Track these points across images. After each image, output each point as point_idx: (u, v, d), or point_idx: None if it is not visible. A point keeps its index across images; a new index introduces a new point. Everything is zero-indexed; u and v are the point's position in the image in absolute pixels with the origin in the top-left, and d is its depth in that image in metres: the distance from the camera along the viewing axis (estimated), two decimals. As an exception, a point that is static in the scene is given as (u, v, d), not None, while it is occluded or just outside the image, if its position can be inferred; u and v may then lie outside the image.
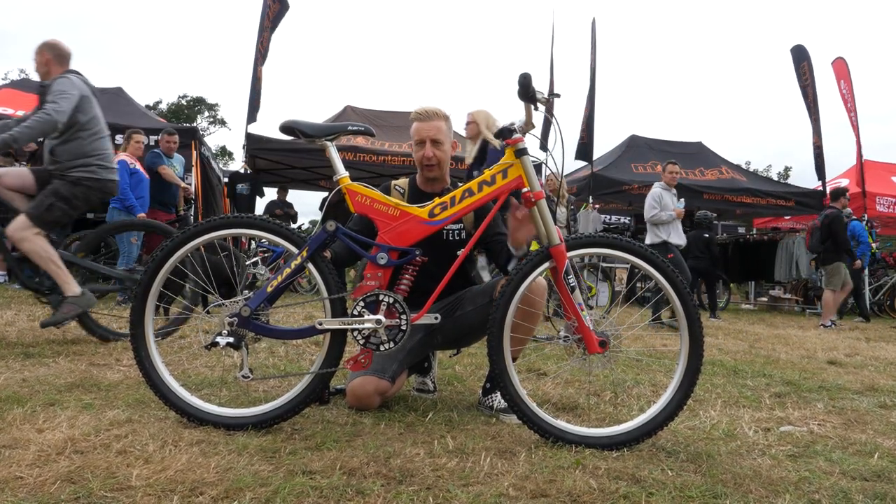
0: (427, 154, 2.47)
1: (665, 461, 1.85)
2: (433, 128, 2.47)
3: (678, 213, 6.69)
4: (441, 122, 2.50)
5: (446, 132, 2.52)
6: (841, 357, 4.58)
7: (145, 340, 2.07)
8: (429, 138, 2.47)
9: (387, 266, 2.07)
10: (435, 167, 2.50)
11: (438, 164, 2.50)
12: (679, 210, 6.72)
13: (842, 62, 10.93)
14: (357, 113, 10.70)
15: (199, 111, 36.73)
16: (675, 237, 6.65)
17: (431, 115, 2.49)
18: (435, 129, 2.47)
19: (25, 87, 9.80)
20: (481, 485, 1.60)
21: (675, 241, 6.63)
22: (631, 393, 2.84)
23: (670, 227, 6.66)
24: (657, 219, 6.63)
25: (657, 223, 6.65)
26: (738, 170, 12.22)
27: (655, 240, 6.63)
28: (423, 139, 2.47)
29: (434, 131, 2.47)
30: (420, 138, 2.48)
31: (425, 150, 2.47)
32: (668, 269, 2.06)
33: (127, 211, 5.95)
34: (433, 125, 2.48)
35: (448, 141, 2.52)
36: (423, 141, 2.47)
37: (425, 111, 2.49)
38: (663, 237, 6.60)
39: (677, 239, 6.66)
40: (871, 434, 2.33)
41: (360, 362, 2.08)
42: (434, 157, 2.47)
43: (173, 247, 2.07)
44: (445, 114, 2.53)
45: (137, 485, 1.48)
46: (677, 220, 6.68)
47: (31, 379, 2.54)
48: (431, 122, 2.48)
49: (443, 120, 2.51)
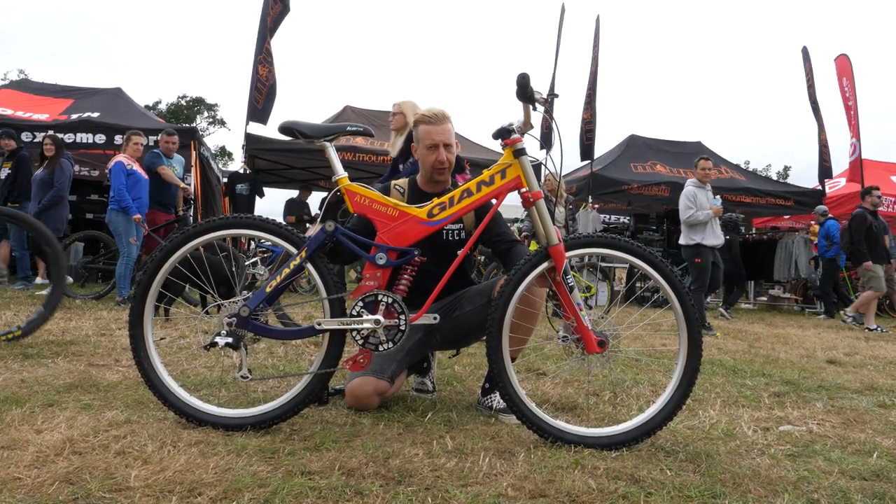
0: (441, 158, 2.44)
1: (664, 461, 1.85)
2: (445, 131, 2.44)
3: (715, 211, 6.14)
4: (450, 125, 2.48)
5: (453, 134, 2.51)
6: (840, 356, 4.59)
7: (144, 341, 2.07)
8: (442, 142, 2.44)
9: (386, 266, 2.07)
10: (446, 170, 2.49)
11: (449, 167, 2.49)
12: (716, 208, 6.17)
13: (845, 59, 10.92)
14: (356, 113, 10.69)
15: (198, 111, 36.71)
16: (711, 238, 6.11)
17: (442, 118, 2.45)
18: (448, 133, 2.45)
19: (25, 88, 9.81)
20: (480, 485, 1.60)
21: (710, 243, 6.10)
22: (630, 393, 2.84)
23: (705, 228, 6.12)
24: (694, 219, 6.08)
25: (694, 224, 6.11)
26: (737, 169, 12.22)
27: (688, 242, 6.15)
28: (437, 143, 2.44)
29: (447, 135, 2.45)
30: (433, 142, 2.44)
31: (439, 155, 2.44)
32: (666, 269, 2.06)
33: (124, 212, 5.94)
34: (445, 128, 2.45)
35: (455, 142, 2.52)
36: (437, 145, 2.44)
37: (434, 114, 2.45)
38: (697, 239, 6.08)
39: (713, 239, 6.12)
40: (870, 433, 2.34)
41: (359, 362, 2.08)
42: (446, 161, 2.46)
43: (172, 247, 2.07)
44: (448, 113, 2.51)
45: (136, 485, 1.48)
46: (714, 218, 6.16)
47: (30, 379, 2.54)
48: (443, 125, 2.45)
49: (450, 122, 2.49)
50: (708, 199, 6.22)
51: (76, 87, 9.84)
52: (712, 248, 6.11)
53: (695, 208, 6.12)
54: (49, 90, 9.57)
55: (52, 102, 9.01)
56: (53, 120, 8.33)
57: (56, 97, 9.22)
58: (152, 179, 6.51)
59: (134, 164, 6.16)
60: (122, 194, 5.91)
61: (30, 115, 8.47)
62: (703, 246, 6.07)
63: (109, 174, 6.06)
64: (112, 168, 6.02)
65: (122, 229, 5.95)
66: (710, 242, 6.10)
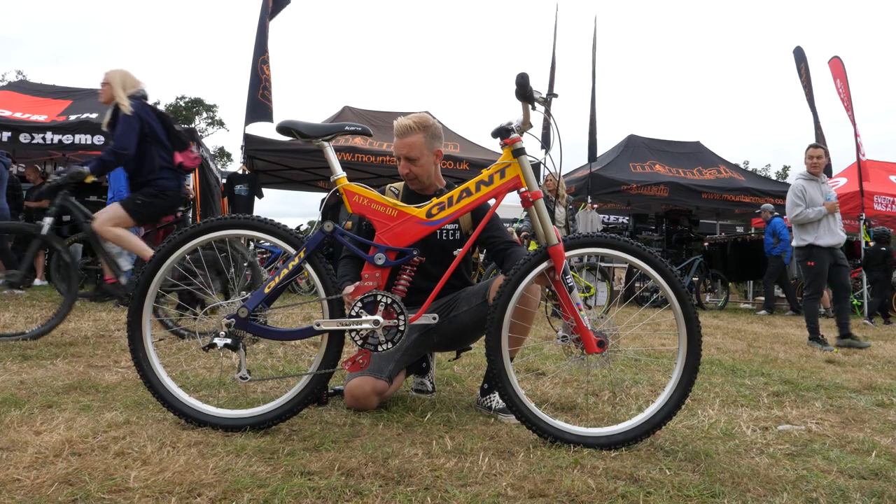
0: (402, 171, 2.50)
1: (663, 460, 1.85)
2: (406, 145, 2.45)
3: (829, 208, 5.28)
4: (416, 136, 2.45)
5: (422, 145, 2.46)
6: (839, 356, 4.59)
7: (143, 342, 2.07)
8: (402, 156, 2.47)
9: (384, 266, 2.06)
10: (414, 181, 2.52)
11: (417, 178, 2.50)
12: (831, 203, 5.30)
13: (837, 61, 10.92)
14: (355, 113, 10.69)
15: (197, 112, 36.67)
16: (827, 236, 5.27)
17: (406, 131, 2.45)
18: (408, 147, 2.45)
19: (23, 89, 9.80)
20: (479, 485, 1.60)
21: (825, 242, 5.27)
22: (629, 392, 2.84)
23: (818, 226, 5.30)
24: (803, 217, 5.29)
25: (804, 223, 5.32)
26: (736, 169, 12.24)
27: (799, 243, 5.38)
28: (399, 156, 2.49)
29: (406, 148, 2.45)
30: (396, 154, 2.50)
31: (401, 167, 2.50)
32: (665, 269, 2.06)
33: None
34: (406, 142, 2.45)
35: (425, 154, 2.47)
36: (399, 158, 2.49)
37: (399, 126, 2.46)
38: (808, 240, 5.30)
39: (829, 238, 5.27)
40: (869, 432, 2.34)
41: (358, 363, 2.07)
42: (410, 173, 2.48)
43: (171, 247, 2.07)
44: (423, 123, 2.46)
45: (135, 486, 1.48)
46: (829, 215, 5.31)
47: (29, 381, 2.53)
48: (406, 138, 2.45)
49: (419, 132, 2.45)
50: (822, 192, 5.40)
51: (75, 88, 9.83)
52: (829, 248, 5.30)
53: (803, 205, 5.33)
54: (47, 91, 9.56)
55: (50, 103, 9.00)
56: (52, 121, 8.33)
57: (54, 98, 9.21)
58: None
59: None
60: (122, 194, 5.90)
61: (28, 116, 8.47)
62: (817, 247, 5.27)
63: (108, 175, 6.05)
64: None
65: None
66: (824, 242, 5.27)
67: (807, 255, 5.33)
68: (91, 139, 7.96)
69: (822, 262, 5.28)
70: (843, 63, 10.41)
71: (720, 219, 14.18)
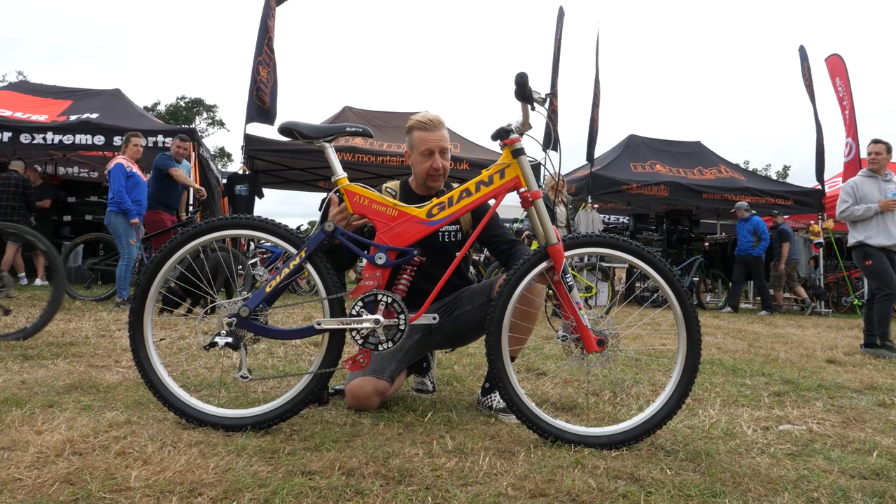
0: (436, 165, 2.43)
1: (664, 460, 1.85)
2: (441, 137, 2.43)
3: (884, 205, 4.95)
4: (445, 131, 2.47)
5: (448, 139, 2.50)
6: (840, 356, 4.59)
7: (144, 342, 2.07)
8: (438, 148, 2.43)
9: (385, 266, 2.07)
10: (441, 177, 2.48)
11: (446, 172, 2.48)
12: (885, 201, 4.97)
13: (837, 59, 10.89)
14: (355, 114, 10.70)
15: (197, 112, 36.68)
16: (880, 235, 4.97)
17: (437, 125, 2.43)
18: (444, 139, 2.44)
19: (23, 89, 9.81)
20: (480, 484, 1.60)
21: (878, 242, 4.97)
22: (630, 392, 2.84)
23: (870, 223, 5.02)
24: (849, 215, 5.07)
25: (851, 220, 5.11)
26: (736, 169, 12.24)
27: (852, 241, 5.14)
28: (433, 150, 2.42)
29: (443, 141, 2.44)
30: (428, 148, 2.42)
31: (434, 161, 2.42)
32: (665, 269, 2.06)
33: (123, 214, 5.94)
34: (440, 135, 2.43)
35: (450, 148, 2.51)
36: (432, 151, 2.42)
37: (430, 120, 2.43)
38: (859, 238, 5.05)
39: (883, 238, 4.97)
40: (870, 432, 2.34)
41: (359, 362, 2.08)
42: (442, 167, 2.44)
43: (172, 248, 2.07)
44: (444, 120, 2.49)
45: (136, 486, 1.48)
46: (883, 213, 4.99)
47: (30, 381, 2.54)
48: (438, 131, 2.43)
49: (445, 127, 2.47)
50: (881, 189, 5.10)
51: (75, 88, 9.85)
52: (883, 248, 4.99)
53: (850, 201, 5.10)
54: (48, 91, 9.58)
55: (50, 104, 9.02)
56: (52, 121, 8.34)
57: (55, 98, 9.23)
58: (160, 181, 6.51)
59: (133, 165, 6.16)
60: (121, 196, 5.90)
61: (28, 116, 8.48)
62: (870, 245, 5.01)
63: (108, 176, 6.05)
64: (111, 170, 6.02)
65: (121, 231, 5.95)
66: (877, 242, 4.98)
67: (862, 255, 5.06)
68: (91, 139, 7.97)
69: (881, 260, 4.95)
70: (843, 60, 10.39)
71: (721, 219, 14.17)
